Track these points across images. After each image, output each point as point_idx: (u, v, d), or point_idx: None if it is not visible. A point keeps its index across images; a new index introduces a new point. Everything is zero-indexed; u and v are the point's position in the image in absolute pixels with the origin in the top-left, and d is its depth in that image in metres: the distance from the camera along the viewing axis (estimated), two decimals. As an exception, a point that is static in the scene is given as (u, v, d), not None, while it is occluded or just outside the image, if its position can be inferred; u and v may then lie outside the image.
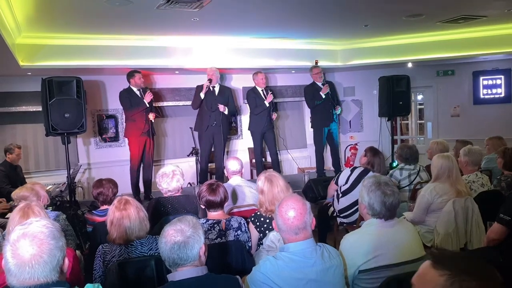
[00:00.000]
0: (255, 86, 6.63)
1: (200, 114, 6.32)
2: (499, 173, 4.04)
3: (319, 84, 6.72)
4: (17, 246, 1.48)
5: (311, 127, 7.22)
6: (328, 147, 7.06)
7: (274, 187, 2.92)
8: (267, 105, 6.47)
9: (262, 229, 2.87)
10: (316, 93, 6.68)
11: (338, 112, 6.81)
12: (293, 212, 1.98)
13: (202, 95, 6.12)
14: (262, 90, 6.58)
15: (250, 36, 6.33)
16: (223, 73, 7.14)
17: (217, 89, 6.33)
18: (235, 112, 7.02)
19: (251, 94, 6.58)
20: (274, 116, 6.65)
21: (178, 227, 1.84)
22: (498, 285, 1.12)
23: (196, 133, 6.35)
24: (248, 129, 6.74)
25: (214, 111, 6.17)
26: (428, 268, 1.19)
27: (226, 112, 6.24)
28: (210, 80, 6.14)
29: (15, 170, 5.48)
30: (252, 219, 2.93)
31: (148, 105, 5.86)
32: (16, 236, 1.50)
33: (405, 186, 4.30)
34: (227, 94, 6.41)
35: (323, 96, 6.62)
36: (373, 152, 4.06)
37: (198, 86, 6.26)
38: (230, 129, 7.50)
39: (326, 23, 5.64)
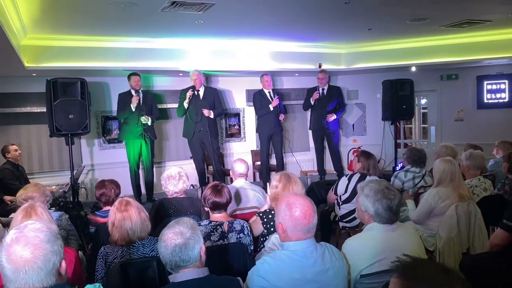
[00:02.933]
0: (262, 89, 6.64)
1: (186, 120, 6.16)
2: (503, 178, 4.01)
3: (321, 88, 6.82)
4: (10, 252, 1.44)
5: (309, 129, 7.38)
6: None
7: (292, 183, 3.00)
8: (271, 109, 6.47)
9: (268, 226, 2.91)
10: (311, 96, 6.83)
11: (329, 120, 6.71)
12: (308, 210, 1.98)
13: (185, 104, 5.94)
14: (269, 92, 6.57)
15: (253, 39, 6.34)
16: (224, 76, 7.15)
17: (201, 93, 6.11)
18: (223, 113, 6.78)
19: (257, 96, 6.61)
20: (282, 117, 6.65)
21: (177, 229, 1.84)
22: None
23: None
24: (256, 131, 6.77)
25: (200, 120, 5.97)
26: (395, 277, 1.30)
27: (212, 116, 6.04)
28: (193, 87, 5.96)
29: (18, 170, 5.48)
30: (261, 214, 2.97)
31: (134, 110, 5.71)
32: (9, 241, 1.46)
33: (409, 189, 4.28)
34: (212, 96, 6.19)
35: (312, 102, 6.73)
36: (365, 155, 4.04)
37: (182, 91, 6.07)
38: (230, 131, 7.51)
39: (330, 27, 5.65)
